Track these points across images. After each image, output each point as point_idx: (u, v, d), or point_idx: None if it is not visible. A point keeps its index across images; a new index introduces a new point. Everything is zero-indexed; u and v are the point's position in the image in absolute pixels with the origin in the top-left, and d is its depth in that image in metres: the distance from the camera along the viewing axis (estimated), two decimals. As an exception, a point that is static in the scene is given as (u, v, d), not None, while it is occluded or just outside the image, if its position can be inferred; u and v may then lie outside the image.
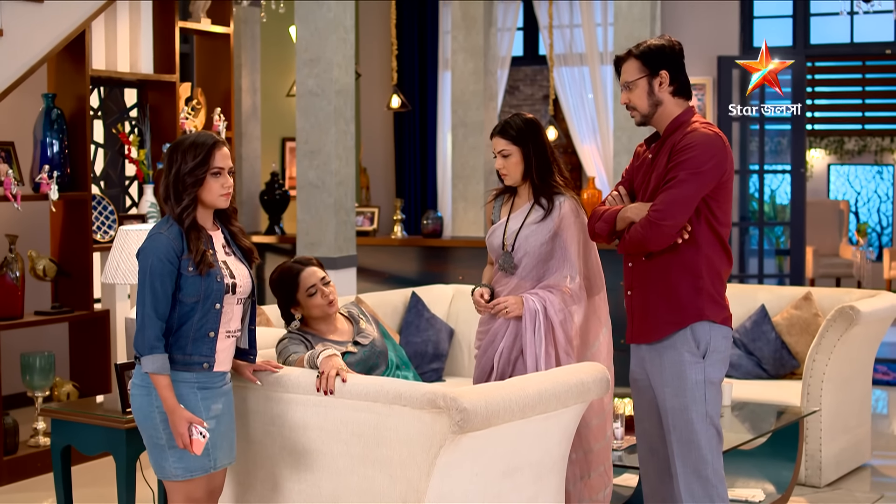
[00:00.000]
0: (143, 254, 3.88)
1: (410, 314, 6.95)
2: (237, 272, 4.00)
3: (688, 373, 4.21)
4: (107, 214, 7.35)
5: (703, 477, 4.22)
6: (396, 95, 11.14)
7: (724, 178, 4.18)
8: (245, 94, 10.58)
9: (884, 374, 9.58)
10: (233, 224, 4.09)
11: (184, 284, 3.85)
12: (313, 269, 4.62)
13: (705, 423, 4.21)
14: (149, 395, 3.89)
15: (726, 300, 4.32)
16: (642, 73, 4.25)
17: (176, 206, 3.90)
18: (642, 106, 4.28)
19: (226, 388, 4.05)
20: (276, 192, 10.67)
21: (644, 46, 4.27)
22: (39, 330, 7.62)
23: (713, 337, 4.22)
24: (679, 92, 4.28)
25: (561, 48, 11.89)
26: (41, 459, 6.65)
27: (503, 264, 4.71)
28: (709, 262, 4.22)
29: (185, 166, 3.88)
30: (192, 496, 3.98)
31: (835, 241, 15.89)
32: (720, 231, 4.24)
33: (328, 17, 7.99)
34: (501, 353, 4.65)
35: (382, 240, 10.38)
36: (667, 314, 4.24)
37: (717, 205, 4.21)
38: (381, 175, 12.92)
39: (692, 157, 4.11)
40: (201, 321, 3.90)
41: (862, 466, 6.85)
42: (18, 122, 7.47)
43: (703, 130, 4.18)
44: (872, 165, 17.67)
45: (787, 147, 11.44)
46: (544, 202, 4.68)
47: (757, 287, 7.85)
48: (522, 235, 4.67)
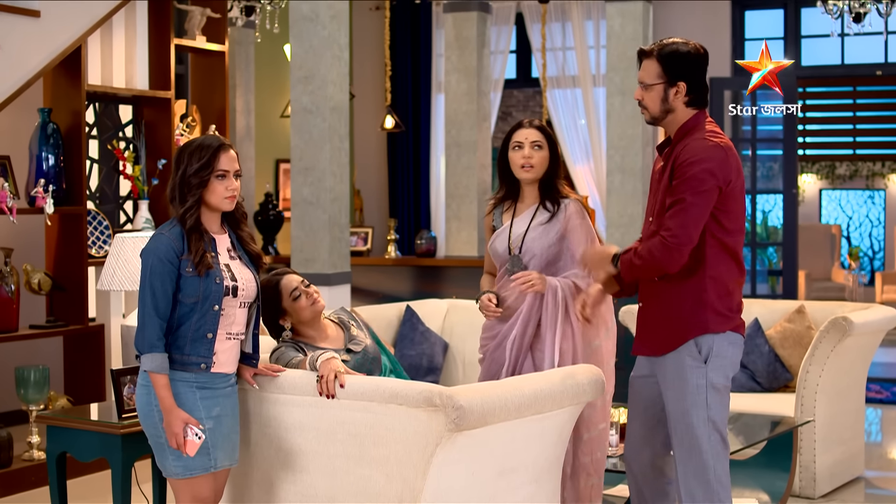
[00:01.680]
0: (145, 253, 3.94)
1: (405, 327, 6.96)
2: (241, 276, 4.03)
3: (689, 377, 4.19)
4: (101, 230, 7.37)
5: (705, 482, 4.19)
6: (390, 116, 11.20)
7: (729, 188, 4.12)
8: (239, 115, 10.63)
9: (877, 393, 9.60)
10: (241, 229, 4.14)
11: (183, 285, 3.89)
12: (290, 275, 4.59)
13: (707, 428, 4.18)
14: (149, 393, 3.93)
15: (736, 310, 4.27)
16: (660, 80, 4.18)
17: (180, 206, 3.95)
18: (654, 109, 4.23)
19: (228, 390, 4.07)
20: (269, 213, 10.71)
21: (669, 50, 4.18)
22: (34, 343, 7.62)
23: (716, 343, 4.19)
24: (693, 102, 4.21)
25: (554, 70, 11.97)
26: (35, 473, 6.63)
27: (511, 267, 4.70)
28: (715, 275, 4.17)
29: (190, 168, 3.94)
30: (198, 495, 4.00)
31: (827, 265, 15.93)
32: (727, 241, 4.19)
33: (322, 34, 8.04)
34: (514, 341, 4.63)
35: (376, 259, 10.40)
36: (670, 329, 4.23)
37: (724, 214, 4.15)
38: (374, 195, 12.96)
39: (693, 175, 4.06)
40: (199, 322, 3.92)
41: (856, 479, 6.85)
42: (14, 136, 7.50)
43: (704, 142, 4.13)
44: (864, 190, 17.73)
45: (779, 172, 11.49)
46: (549, 204, 4.69)
47: (750, 301, 7.85)
48: (529, 238, 4.67)
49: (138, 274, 5.26)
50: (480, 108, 10.57)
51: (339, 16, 8.11)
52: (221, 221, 4.08)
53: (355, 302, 9.41)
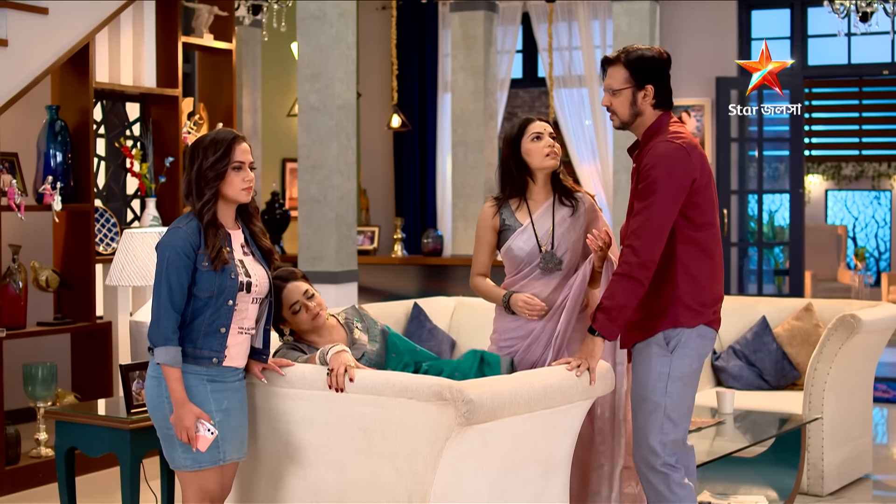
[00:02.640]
0: (162, 247, 3.95)
1: (412, 325, 6.96)
2: (254, 272, 4.05)
3: (653, 364, 4.30)
4: (109, 227, 7.37)
5: (654, 469, 4.31)
6: (397, 115, 11.20)
7: (695, 187, 4.23)
8: (246, 114, 10.63)
9: (884, 392, 9.59)
10: (254, 224, 4.16)
11: (198, 279, 3.91)
12: (296, 284, 4.50)
13: (660, 416, 4.28)
14: (159, 385, 3.94)
15: (710, 304, 4.33)
16: (628, 84, 4.32)
17: (197, 201, 3.97)
18: (623, 114, 4.36)
19: (238, 385, 4.08)
20: (276, 212, 10.71)
21: (635, 56, 4.32)
22: (42, 340, 7.63)
23: (684, 334, 4.29)
24: (660, 104, 4.35)
25: (560, 70, 11.97)
26: (43, 470, 6.64)
27: (545, 265, 4.62)
28: (685, 271, 4.26)
29: (206, 161, 3.96)
30: (205, 487, 4.00)
31: (833, 265, 15.94)
32: (696, 236, 4.27)
33: (330, 32, 8.03)
34: (558, 337, 4.53)
35: (383, 258, 10.40)
36: (641, 324, 4.33)
37: (693, 209, 4.25)
38: (381, 194, 12.96)
39: (654, 181, 4.17)
40: (213, 316, 3.94)
41: (864, 478, 6.84)
42: (22, 133, 7.50)
43: (667, 144, 4.23)
44: (870, 191, 17.74)
45: (786, 173, 11.49)
46: (566, 199, 4.69)
47: (758, 299, 7.87)
48: (559, 233, 4.64)
49: (147, 270, 5.31)
50: (487, 106, 10.57)
51: (346, 14, 8.11)
52: (235, 216, 4.10)
53: (362, 301, 9.42)
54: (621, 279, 4.17)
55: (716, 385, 7.16)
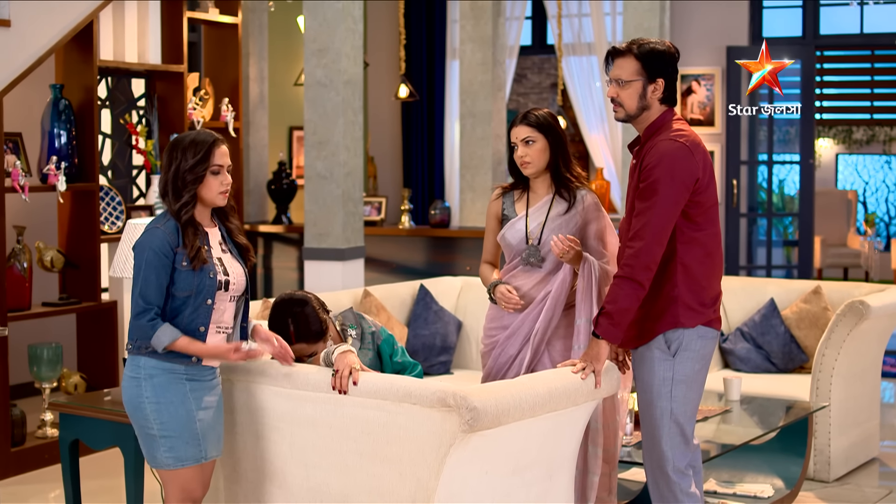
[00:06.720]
0: (139, 247, 3.95)
1: (419, 307, 6.94)
2: (232, 270, 4.06)
3: (656, 369, 4.29)
4: (114, 205, 7.34)
5: (665, 473, 4.31)
6: (404, 85, 11.11)
7: (697, 186, 4.18)
8: (252, 83, 10.55)
9: (892, 367, 9.55)
10: (230, 221, 4.16)
11: (177, 278, 3.92)
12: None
13: (668, 420, 4.27)
14: (139, 385, 3.96)
15: (710, 304, 4.31)
16: (639, 76, 4.25)
17: (175, 202, 3.96)
18: (631, 106, 4.28)
19: (215, 382, 4.12)
20: (283, 182, 10.63)
21: (647, 49, 4.25)
22: (47, 321, 7.62)
23: (686, 337, 4.26)
24: (666, 100, 4.30)
25: (569, 38, 11.88)
26: (48, 451, 6.65)
27: (528, 258, 4.63)
28: (685, 270, 4.22)
29: (185, 163, 3.94)
30: (187, 486, 4.04)
31: (843, 230, 15.85)
32: (697, 236, 4.24)
33: (336, 7, 7.95)
34: (537, 334, 4.55)
35: (390, 230, 10.35)
36: (642, 324, 4.29)
37: (694, 208, 4.21)
38: (388, 165, 12.90)
39: (656, 181, 4.12)
40: (192, 315, 3.96)
41: (871, 460, 6.83)
42: (26, 112, 7.45)
43: (671, 143, 4.17)
44: (881, 155, 17.61)
45: (796, 136, 11.40)
46: (566, 194, 4.65)
47: (766, 280, 7.82)
48: (549, 229, 4.62)
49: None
50: (495, 77, 10.47)
51: (352, -12, 8.02)
52: (211, 214, 4.10)
53: (368, 273, 9.38)
54: (623, 282, 4.13)
55: (723, 367, 7.13)
